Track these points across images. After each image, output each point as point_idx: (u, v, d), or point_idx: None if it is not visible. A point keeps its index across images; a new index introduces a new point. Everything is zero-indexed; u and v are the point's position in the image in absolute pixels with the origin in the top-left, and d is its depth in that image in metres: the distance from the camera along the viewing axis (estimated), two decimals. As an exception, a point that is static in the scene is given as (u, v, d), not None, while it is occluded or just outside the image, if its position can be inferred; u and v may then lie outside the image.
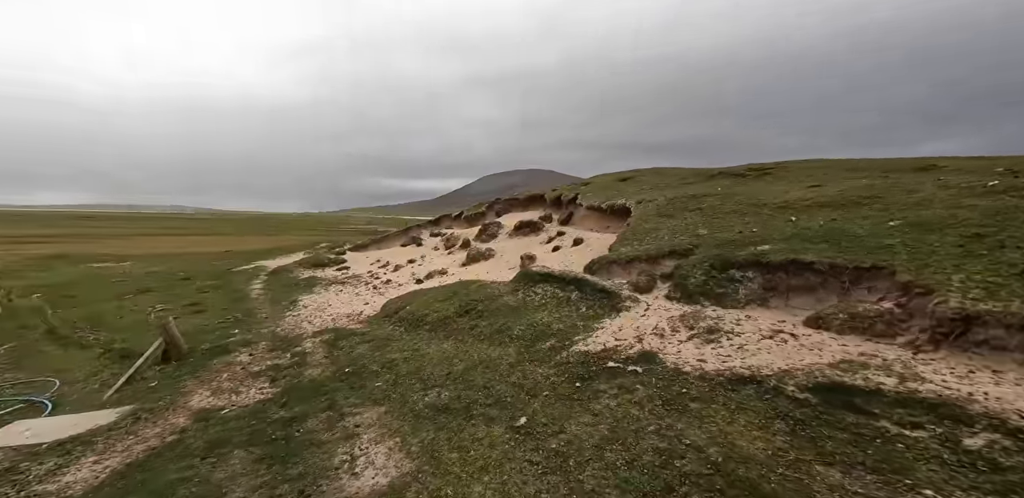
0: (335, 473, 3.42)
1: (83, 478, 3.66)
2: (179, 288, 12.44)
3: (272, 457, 3.74)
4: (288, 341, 7.00)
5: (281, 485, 3.30)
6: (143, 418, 4.71)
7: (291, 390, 5.17)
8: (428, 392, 4.69)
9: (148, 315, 8.83)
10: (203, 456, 3.85)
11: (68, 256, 19.33)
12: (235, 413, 4.71)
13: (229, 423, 4.46)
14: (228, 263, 17.70)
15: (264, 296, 10.87)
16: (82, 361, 6.84)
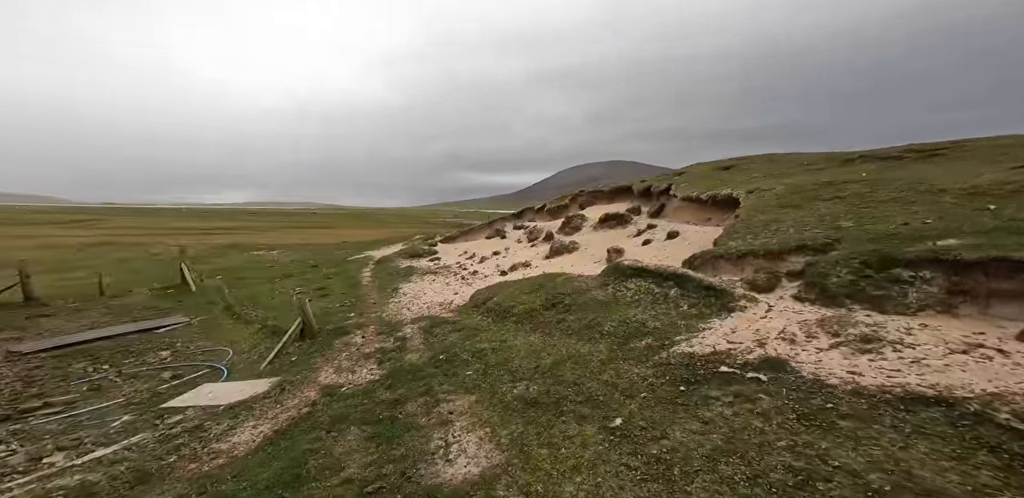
0: (431, 458, 3.28)
1: (245, 440, 3.79)
2: (310, 274, 13.04)
3: (380, 436, 3.69)
4: (391, 326, 6.98)
5: (387, 465, 3.23)
6: (286, 389, 4.85)
7: (394, 373, 5.10)
8: (516, 384, 4.34)
9: (290, 297, 9.46)
10: (328, 430, 3.87)
11: (239, 245, 21.19)
12: (351, 391, 4.73)
13: (347, 400, 4.47)
14: (345, 252, 18.28)
15: (372, 283, 10.97)
16: (247, 334, 7.34)
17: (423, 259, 14.32)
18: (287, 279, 12.33)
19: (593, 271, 7.87)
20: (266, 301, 9.51)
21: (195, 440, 3.73)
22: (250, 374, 5.57)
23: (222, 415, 4.31)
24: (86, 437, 3.80)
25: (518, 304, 6.84)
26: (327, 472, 3.22)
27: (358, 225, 43.88)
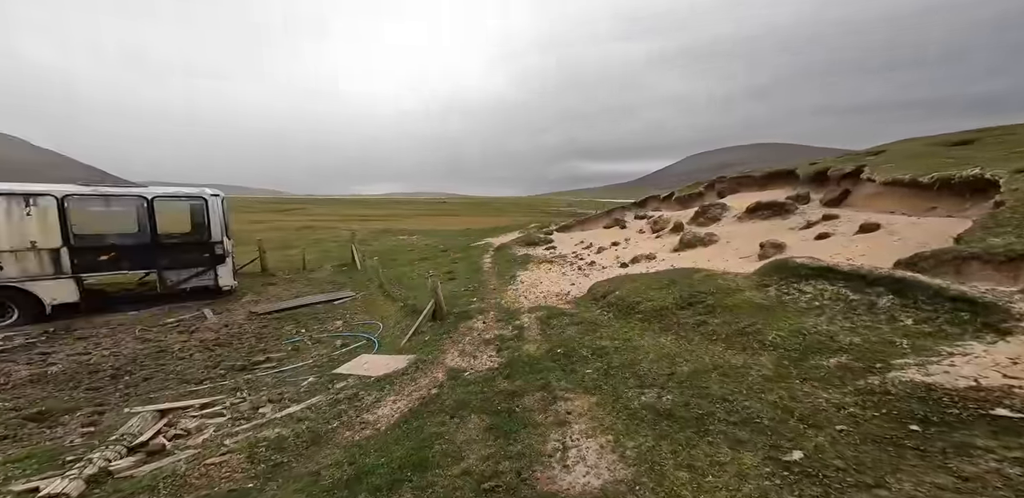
0: (548, 460, 3.01)
1: (386, 414, 4.01)
2: (440, 258, 13.89)
3: (498, 429, 3.56)
4: (510, 314, 6.87)
5: (503, 461, 3.07)
6: (420, 368, 5.08)
7: (513, 363, 4.94)
8: (645, 391, 3.80)
9: (425, 279, 10.30)
10: (451, 414, 3.87)
11: (389, 231, 24.33)
12: (473, 377, 4.72)
13: (469, 387, 4.46)
14: (468, 239, 19.00)
15: (492, 269, 11.10)
16: (393, 311, 8.15)
17: (539, 248, 13.96)
18: (423, 262, 13.48)
19: (738, 268, 6.65)
20: (408, 281, 10.55)
21: (352, 408, 4.13)
22: (393, 349, 6.14)
23: (372, 386, 4.74)
24: (286, 393, 4.54)
25: (644, 300, 6.01)
26: (448, 460, 3.23)
27: (479, 213, 46.22)
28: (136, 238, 8.60)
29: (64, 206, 7.45)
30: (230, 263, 9.54)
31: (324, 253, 16.31)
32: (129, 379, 5.08)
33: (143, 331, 7.11)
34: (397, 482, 2.91)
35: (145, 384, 4.96)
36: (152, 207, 8.41)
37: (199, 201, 9.07)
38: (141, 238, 8.51)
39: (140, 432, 3.29)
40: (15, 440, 3.41)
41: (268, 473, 2.80)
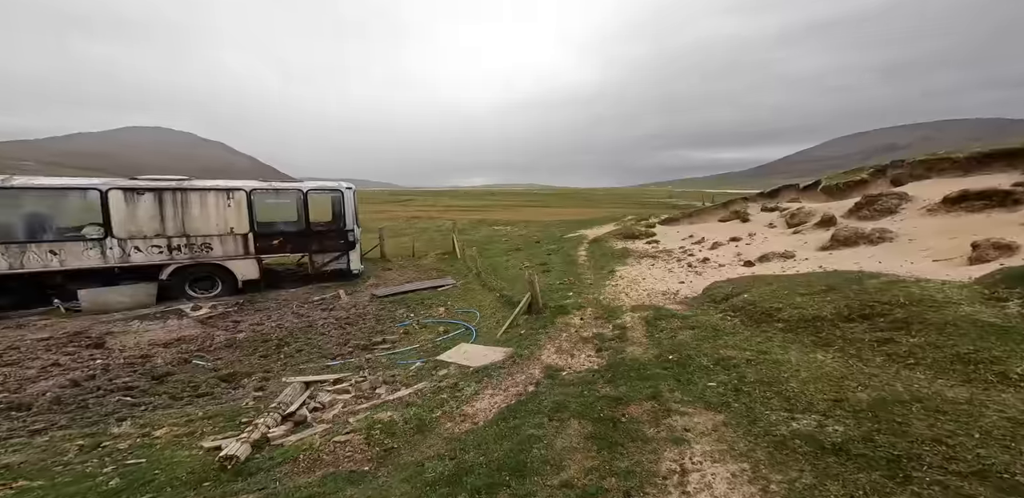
0: (663, 483, 2.65)
1: (484, 408, 3.96)
2: (534, 249, 13.82)
3: (600, 438, 3.27)
4: (609, 311, 6.41)
5: (609, 477, 2.78)
6: (517, 363, 4.98)
7: (615, 365, 4.55)
8: (796, 416, 3.15)
9: (519, 270, 10.33)
10: (550, 417, 3.68)
11: (485, 221, 24.99)
12: (571, 377, 4.48)
13: (568, 388, 4.23)
14: (561, 230, 18.57)
15: (588, 263, 10.63)
16: (489, 300, 8.31)
17: (639, 241, 13.00)
18: (517, 252, 13.61)
19: (935, 273, 5.33)
20: (503, 272, 10.74)
21: (453, 399, 4.22)
22: (491, 339, 6.24)
23: (470, 377, 4.82)
24: (397, 375, 4.92)
25: (788, 306, 5.08)
26: (548, 467, 3.06)
27: (570, 204, 45.12)
28: (296, 226, 10.16)
29: (251, 199, 9.18)
30: (359, 249, 10.91)
31: (429, 241, 17.62)
32: (287, 349, 6.10)
33: (298, 307, 8.52)
34: (496, 485, 2.86)
35: (297, 355, 5.91)
36: (307, 199, 9.91)
37: (337, 194, 10.40)
38: (299, 226, 10.07)
39: (291, 402, 3.86)
40: (211, 397, 4.37)
41: (381, 457, 2.99)
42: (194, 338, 6.40)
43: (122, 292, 7.96)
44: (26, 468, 2.62)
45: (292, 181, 10.54)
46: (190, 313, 7.78)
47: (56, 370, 4.95)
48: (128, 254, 8.04)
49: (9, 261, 7.18)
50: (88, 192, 7.86)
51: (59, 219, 8.03)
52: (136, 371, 5.01)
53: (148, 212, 8.18)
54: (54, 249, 7.51)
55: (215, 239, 8.87)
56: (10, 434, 3.32)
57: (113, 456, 2.86)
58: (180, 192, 8.50)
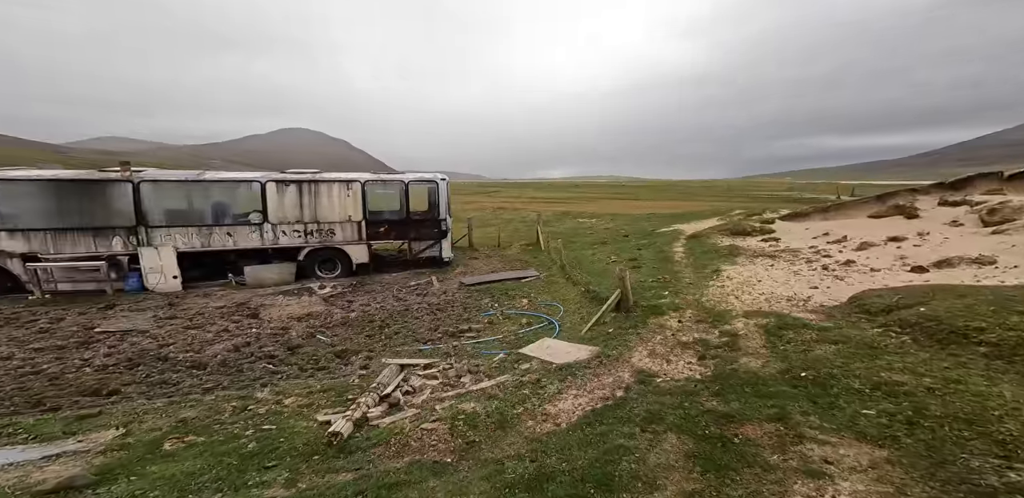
0: None
1: (567, 410, 3.73)
2: (621, 243, 12.97)
3: (705, 459, 2.86)
4: (715, 315, 5.67)
5: None
6: (604, 363, 4.67)
7: (724, 377, 3.98)
8: (1016, 466, 2.44)
9: (606, 264, 9.79)
10: (642, 427, 3.34)
11: (569, 213, 24.26)
12: (668, 385, 4.02)
13: (663, 397, 3.81)
14: (652, 224, 17.26)
15: (686, 260, 9.59)
16: (573, 295, 7.98)
17: (752, 238, 11.34)
18: (603, 246, 12.95)
19: None
20: (587, 266, 10.29)
21: (535, 395, 4.09)
22: (574, 336, 5.98)
23: (553, 374, 4.64)
24: (481, 365, 5.00)
25: (996, 327, 3.93)
26: (639, 484, 2.76)
27: (663, 197, 41.51)
28: (398, 215, 10.99)
29: (364, 189, 10.24)
30: (450, 238, 11.50)
31: (514, 232, 17.82)
32: (387, 331, 6.70)
33: (398, 291, 9.33)
34: (579, 498, 2.66)
35: (395, 337, 6.44)
36: (407, 189, 10.72)
37: (433, 184, 11.04)
38: (400, 215, 10.92)
39: (387, 383, 4.17)
40: (327, 372, 5.01)
41: (463, 450, 3.00)
42: (319, 314, 7.41)
43: (272, 270, 9.56)
44: (195, 424, 3.28)
45: (395, 173, 11.43)
46: (317, 291, 9.03)
47: (226, 335, 6.21)
48: (277, 237, 9.57)
49: (202, 240, 9.04)
50: (252, 184, 9.48)
51: (233, 206, 9.84)
52: (277, 341, 6.00)
53: (292, 201, 9.60)
54: (230, 231, 9.25)
55: (337, 226, 10.07)
56: (191, 390, 4.26)
57: (254, 420, 3.41)
58: (313, 183, 9.80)
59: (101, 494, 2.38)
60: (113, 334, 6.10)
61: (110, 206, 8.39)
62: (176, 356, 5.26)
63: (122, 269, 8.50)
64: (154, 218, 8.68)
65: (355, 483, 2.50)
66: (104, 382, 4.39)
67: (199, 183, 9.32)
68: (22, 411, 3.70)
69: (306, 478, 2.59)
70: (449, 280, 10.21)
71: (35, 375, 4.55)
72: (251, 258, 9.53)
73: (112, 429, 3.16)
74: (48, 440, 2.99)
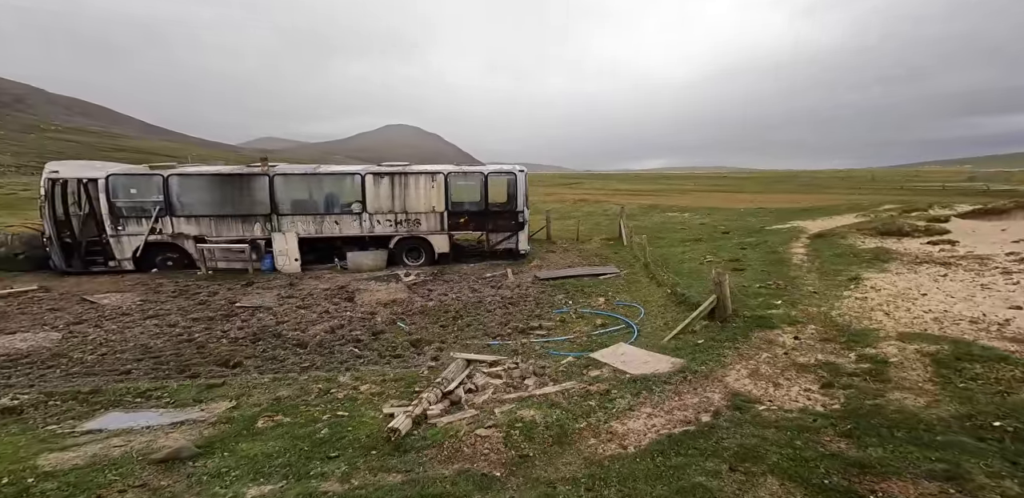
0: None
1: (636, 430, 3.26)
2: (720, 241, 11.44)
3: None
4: (852, 334, 4.55)
5: None
6: (688, 379, 4.04)
7: (862, 413, 3.14)
8: None
9: (699, 263, 8.61)
10: (731, 464, 2.75)
11: (657, 207, 22.30)
12: (773, 416, 3.28)
13: (766, 429, 3.11)
14: (761, 220, 14.93)
15: (808, 264, 7.99)
16: (657, 296, 7.23)
17: (911, 240, 9.14)
18: (696, 244, 11.51)
19: None
20: (675, 265, 9.19)
21: (601, 409, 3.68)
22: (654, 343, 5.33)
23: (626, 386, 4.14)
24: (547, 367, 4.72)
25: None
26: None
27: (775, 190, 35.53)
28: (477, 206, 11.20)
29: (447, 181, 10.65)
30: (527, 230, 11.36)
31: (594, 226, 16.99)
32: (460, 323, 6.83)
33: (473, 282, 9.51)
34: (643, 550, 2.25)
35: (467, 329, 6.53)
36: (487, 181, 10.87)
37: (511, 176, 11.00)
38: (479, 206, 11.11)
39: (452, 379, 4.17)
40: (402, 360, 5.26)
41: (514, 464, 2.79)
42: (402, 301, 7.92)
43: (369, 256, 10.47)
44: (287, 403, 3.65)
45: (478, 165, 11.65)
46: (403, 278, 9.68)
47: (326, 316, 7.01)
48: (373, 226, 10.46)
49: (316, 227, 9.92)
50: (354, 176, 10.47)
51: (340, 197, 10.39)
52: (364, 325, 6.55)
53: (385, 192, 10.40)
54: (337, 220, 10.08)
55: (423, 216, 10.64)
56: (292, 367, 4.86)
57: (332, 404, 3.68)
58: (403, 176, 10.50)
59: (197, 467, 2.75)
60: (247, 309, 7.33)
61: (253, 196, 9.98)
62: (287, 333, 6.06)
63: (260, 251, 10.08)
64: (283, 207, 10.08)
65: (401, 488, 2.46)
66: (233, 354, 5.25)
67: (315, 176, 10.65)
68: (172, 376, 4.62)
69: (360, 474, 2.64)
70: (524, 273, 10.08)
71: (188, 342, 5.67)
72: (352, 245, 10.53)
73: (227, 401, 3.67)
74: (181, 406, 3.61)
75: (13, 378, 4.49)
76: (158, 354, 5.29)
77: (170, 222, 9.65)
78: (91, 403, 3.61)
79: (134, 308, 7.24)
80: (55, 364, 4.91)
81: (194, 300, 7.80)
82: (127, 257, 9.61)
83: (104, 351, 5.34)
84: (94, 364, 4.94)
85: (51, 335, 5.86)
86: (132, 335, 5.96)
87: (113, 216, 9.40)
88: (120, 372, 4.76)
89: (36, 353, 5.19)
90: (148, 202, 9.60)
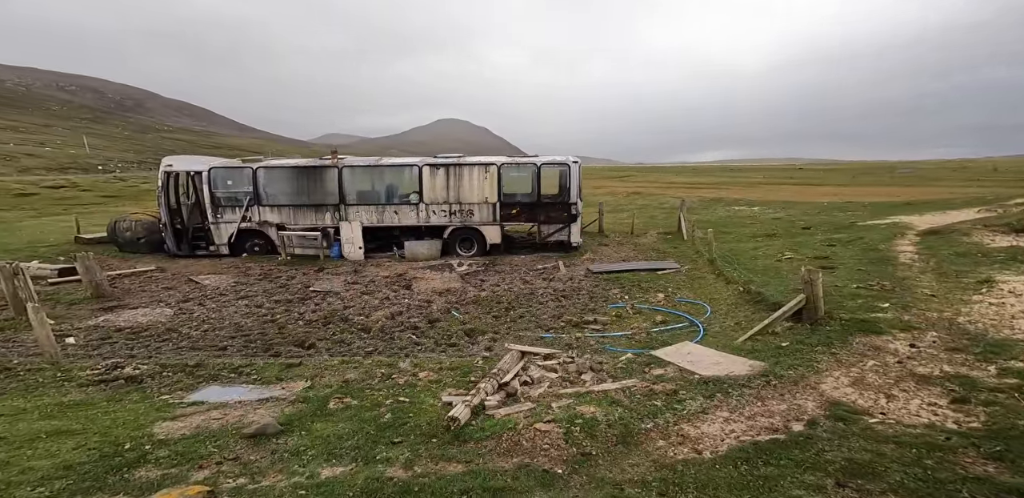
0: None
1: (712, 434, 2.95)
2: (801, 237, 10.18)
3: None
4: (989, 344, 3.83)
5: None
6: (771, 383, 3.59)
7: (1013, 435, 2.61)
8: None
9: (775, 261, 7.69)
10: (838, 480, 2.37)
11: (721, 200, 20.58)
12: (890, 430, 2.82)
13: (880, 444, 2.67)
14: (851, 215, 13.16)
15: (922, 264, 6.84)
16: (726, 294, 6.57)
17: None
18: (770, 239, 10.34)
19: None
20: (747, 262, 8.30)
21: (669, 410, 3.36)
22: (726, 344, 4.82)
23: (696, 387, 3.77)
24: (604, 363, 4.46)
25: None
26: None
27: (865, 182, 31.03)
28: (529, 197, 11.03)
29: (500, 172, 10.60)
30: (579, 222, 10.97)
31: (649, 219, 16.11)
32: (512, 314, 6.75)
33: (524, 273, 9.39)
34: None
35: (520, 321, 6.43)
36: (539, 172, 10.66)
37: (564, 167, 10.66)
38: (531, 197, 10.94)
39: (507, 370, 4.08)
40: (457, 349, 5.29)
41: (576, 462, 2.62)
42: (455, 291, 8.03)
43: (424, 246, 10.74)
44: (354, 386, 3.79)
45: (529, 156, 11.40)
46: (456, 268, 9.80)
47: (387, 303, 7.31)
48: (429, 216, 10.70)
49: (378, 217, 10.28)
50: (412, 168, 10.76)
51: (399, 188, 10.63)
52: (421, 313, 6.72)
53: (441, 183, 10.57)
54: (396, 210, 10.34)
55: (475, 207, 10.68)
56: (357, 351, 5.10)
57: (394, 390, 3.76)
58: (457, 167, 10.61)
59: (279, 444, 2.91)
60: (319, 293, 7.88)
61: (325, 187, 10.62)
62: (352, 318, 6.40)
63: (329, 239, 10.72)
64: (350, 197, 10.63)
65: (462, 479, 2.40)
66: (307, 336, 5.65)
67: (377, 167, 11.15)
68: (258, 354, 5.06)
69: (423, 462, 2.62)
70: (576, 266, 9.77)
71: (271, 323, 6.21)
72: (408, 234, 10.87)
73: (303, 381, 3.91)
74: (265, 384, 3.91)
75: (136, 349, 5.20)
76: (247, 333, 5.83)
77: (257, 211, 10.59)
78: (195, 376, 4.03)
79: (229, 289, 8.11)
80: (168, 338, 5.62)
81: (276, 283, 8.55)
82: (224, 242, 10.70)
83: (206, 328, 6.01)
84: (198, 339, 5.58)
85: (165, 311, 6.74)
86: (227, 314, 6.66)
87: (213, 205, 10.50)
88: (218, 348, 5.32)
89: (153, 327, 5.98)
90: (240, 192, 10.58)
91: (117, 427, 3.03)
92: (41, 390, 3.66)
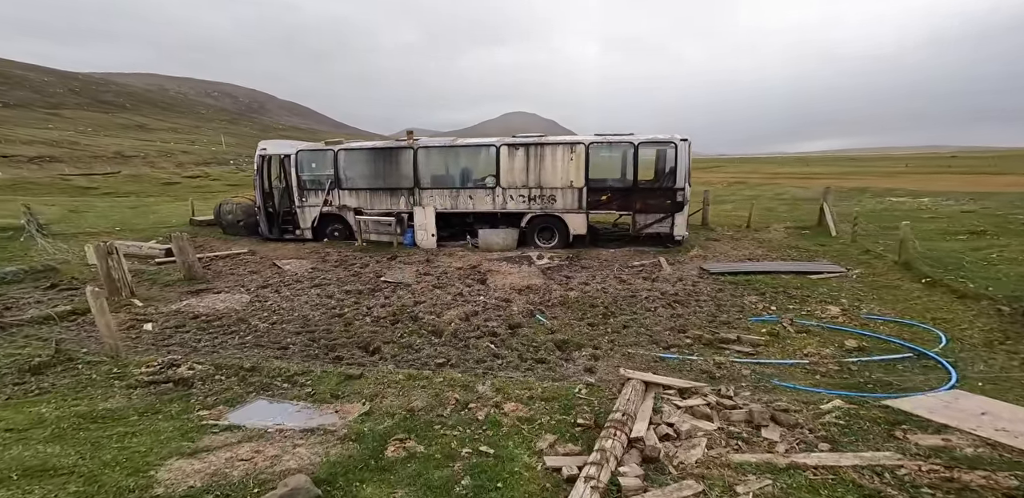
0: None
1: None
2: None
3: None
4: None
5: None
6: None
7: None
8: None
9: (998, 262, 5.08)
10: None
11: (868, 189, 16.75)
12: None
13: None
14: None
15: None
16: (966, 315, 4.39)
17: None
18: (980, 238, 7.40)
19: None
20: (974, 268, 5.73)
21: None
22: (1012, 390, 2.83)
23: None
24: (791, 410, 2.81)
25: None
26: None
27: None
28: (622, 183, 9.40)
29: (588, 152, 9.05)
30: (686, 212, 8.97)
31: (767, 211, 13.46)
32: (613, 322, 5.30)
33: (619, 270, 7.76)
34: None
35: (624, 332, 4.97)
36: (636, 153, 8.89)
37: (669, 146, 8.76)
38: (625, 182, 9.29)
39: (633, 413, 2.70)
40: (547, 366, 4.01)
41: None
42: (538, 288, 6.77)
43: (499, 235, 9.61)
44: (420, 418, 2.74)
45: (622, 135, 9.56)
46: (536, 261, 8.52)
47: (460, 300, 6.36)
48: (506, 202, 9.54)
49: (451, 202, 9.44)
50: (489, 148, 9.62)
51: (474, 171, 9.73)
52: (500, 315, 5.61)
53: (520, 165, 9.35)
54: (471, 195, 9.40)
55: (558, 192, 9.24)
56: (427, 360, 4.15)
57: (472, 429, 2.63)
58: (539, 147, 9.26)
59: None
60: (390, 284, 7.25)
61: (400, 170, 10.05)
62: (423, 317, 5.53)
63: (403, 225, 10.13)
64: (424, 181, 9.94)
65: None
66: (374, 337, 4.88)
67: (452, 148, 10.25)
68: (320, 356, 4.38)
69: None
70: (683, 264, 7.93)
71: (339, 317, 5.61)
72: (482, 221, 9.88)
73: (361, 401, 3.00)
74: (319, 402, 3.06)
75: (202, 342, 4.86)
76: (313, 329, 5.30)
77: (337, 194, 10.38)
78: (247, 383, 3.38)
79: (305, 276, 7.89)
80: (236, 330, 5.27)
81: (349, 271, 8.17)
82: (308, 227, 10.71)
83: (275, 319, 5.61)
84: (263, 334, 5.13)
85: (243, 297, 6.60)
86: (298, 304, 6.27)
87: (300, 189, 10.50)
88: (280, 346, 4.80)
89: (227, 316, 5.74)
90: (323, 176, 10.44)
91: (116, 466, 2.29)
92: (86, 391, 3.25)
